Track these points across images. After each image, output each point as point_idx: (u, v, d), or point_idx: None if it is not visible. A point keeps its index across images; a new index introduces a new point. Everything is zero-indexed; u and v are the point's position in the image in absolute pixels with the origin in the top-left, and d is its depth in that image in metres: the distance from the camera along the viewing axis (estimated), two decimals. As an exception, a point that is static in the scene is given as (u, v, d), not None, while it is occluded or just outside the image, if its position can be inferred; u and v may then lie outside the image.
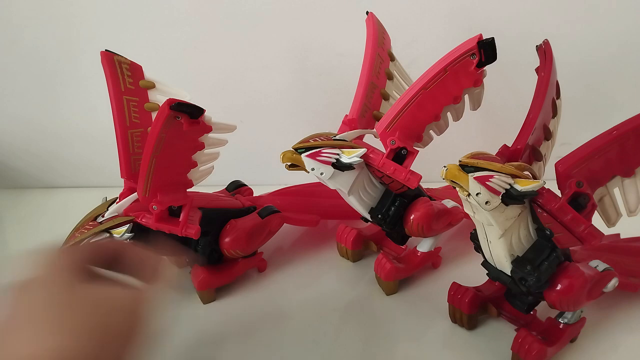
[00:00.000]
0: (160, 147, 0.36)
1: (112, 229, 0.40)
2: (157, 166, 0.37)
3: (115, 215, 0.41)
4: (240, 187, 0.53)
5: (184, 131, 0.36)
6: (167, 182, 0.39)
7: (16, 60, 0.62)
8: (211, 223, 0.44)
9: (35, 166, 0.70)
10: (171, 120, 0.35)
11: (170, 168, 0.39)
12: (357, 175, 0.42)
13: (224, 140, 0.43)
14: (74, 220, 0.42)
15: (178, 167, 0.40)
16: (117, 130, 0.42)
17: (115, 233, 0.40)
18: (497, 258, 0.36)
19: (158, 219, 0.40)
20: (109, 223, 0.40)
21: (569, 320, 0.38)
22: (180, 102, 0.35)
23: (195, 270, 0.46)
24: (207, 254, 0.45)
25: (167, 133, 0.36)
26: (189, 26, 0.58)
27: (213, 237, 0.45)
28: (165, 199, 0.39)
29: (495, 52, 0.35)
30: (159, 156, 0.37)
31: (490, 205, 0.32)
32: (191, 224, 0.41)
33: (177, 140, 0.38)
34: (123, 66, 0.42)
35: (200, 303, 0.46)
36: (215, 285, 0.46)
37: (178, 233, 0.41)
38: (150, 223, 0.40)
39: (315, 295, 0.47)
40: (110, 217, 0.40)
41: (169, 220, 0.41)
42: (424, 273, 0.49)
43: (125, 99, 0.42)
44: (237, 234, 0.45)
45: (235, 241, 0.45)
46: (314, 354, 0.40)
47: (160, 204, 0.39)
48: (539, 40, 0.40)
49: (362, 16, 0.49)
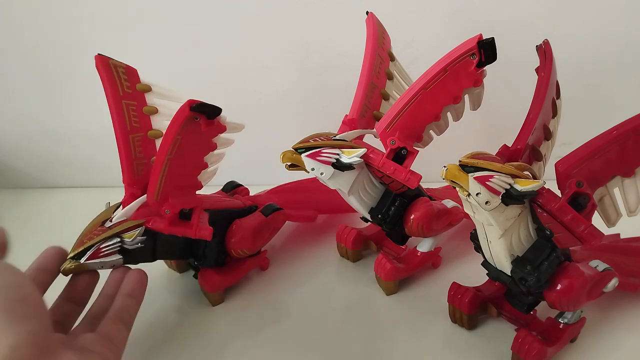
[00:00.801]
0: (175, 149, 0.36)
1: (123, 233, 0.39)
2: (171, 169, 0.37)
3: (123, 220, 0.40)
4: (237, 187, 0.54)
5: (201, 132, 0.36)
6: (178, 185, 0.39)
7: (16, 60, 0.62)
8: (218, 224, 0.43)
9: (35, 166, 0.70)
10: (190, 121, 0.34)
11: (183, 170, 0.39)
12: (357, 175, 0.42)
13: (231, 140, 0.43)
14: (74, 220, 0.42)
15: (191, 169, 0.40)
16: (118, 136, 0.41)
17: (126, 237, 0.39)
18: (497, 258, 0.36)
19: (170, 223, 0.40)
20: (119, 227, 0.39)
21: (569, 320, 0.38)
22: (200, 103, 0.34)
23: (203, 272, 0.45)
24: (214, 256, 0.45)
25: (184, 135, 0.35)
26: (188, 26, 0.58)
27: (219, 238, 0.45)
28: (177, 202, 0.39)
29: (495, 52, 0.35)
30: (172, 158, 0.36)
31: (490, 205, 0.32)
32: (203, 225, 0.41)
33: (193, 142, 0.37)
34: (119, 70, 0.41)
35: (209, 306, 0.46)
36: (225, 286, 0.46)
37: (192, 235, 0.40)
38: (162, 227, 0.40)
39: (315, 295, 0.47)
40: (119, 222, 0.40)
41: (180, 223, 0.40)
42: (424, 273, 0.49)
43: (125, 104, 0.41)
44: (244, 233, 0.45)
45: (242, 240, 0.45)
46: (314, 353, 0.40)
47: (172, 207, 0.39)
48: (539, 40, 0.40)
49: (362, 16, 0.49)
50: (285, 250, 0.54)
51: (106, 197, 0.44)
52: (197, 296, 0.47)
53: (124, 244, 0.39)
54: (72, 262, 0.38)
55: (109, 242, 0.39)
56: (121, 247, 0.39)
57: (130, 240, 0.39)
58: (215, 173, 0.45)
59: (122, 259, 0.39)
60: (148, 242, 0.40)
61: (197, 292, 0.47)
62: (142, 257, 0.41)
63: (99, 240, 0.38)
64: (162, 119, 0.44)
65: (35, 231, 0.61)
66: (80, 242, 0.38)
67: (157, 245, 0.41)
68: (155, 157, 0.37)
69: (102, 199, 0.44)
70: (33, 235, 0.60)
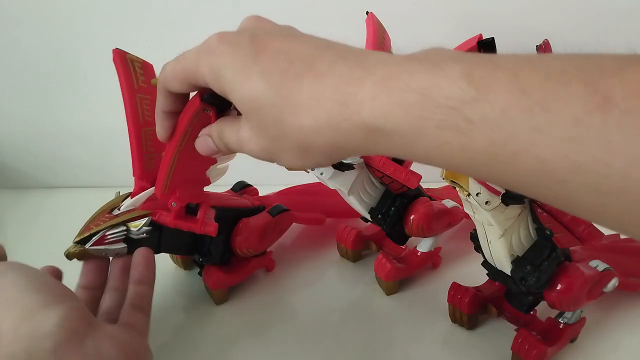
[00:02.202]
0: (185, 142, 0.36)
1: (129, 222, 0.39)
2: (179, 161, 0.36)
3: (131, 209, 0.40)
4: (246, 187, 0.53)
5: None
6: (186, 179, 0.39)
7: (16, 60, 0.62)
8: (224, 222, 0.43)
9: (35, 166, 0.70)
10: (200, 113, 0.34)
11: (192, 164, 0.38)
12: (357, 176, 0.42)
13: None
14: (74, 220, 0.42)
15: (199, 163, 0.40)
16: (131, 129, 0.41)
17: (132, 226, 0.39)
18: (497, 258, 0.36)
19: (176, 216, 0.39)
20: (126, 216, 0.39)
21: (569, 320, 0.38)
22: (212, 94, 0.34)
23: (208, 269, 0.45)
24: (219, 253, 0.45)
25: (194, 127, 0.35)
26: (188, 26, 0.58)
27: (225, 236, 0.45)
28: (185, 195, 0.39)
29: (495, 52, 0.35)
30: (182, 150, 0.36)
31: (490, 205, 0.32)
32: (209, 221, 0.41)
33: None
34: (135, 64, 0.41)
35: (214, 305, 0.46)
36: (229, 284, 0.46)
37: (197, 231, 0.40)
38: (168, 220, 0.39)
39: (316, 295, 0.47)
40: (127, 211, 0.40)
41: (186, 217, 0.40)
42: (424, 273, 0.49)
43: (138, 97, 0.41)
44: (250, 232, 0.45)
45: (248, 240, 0.45)
46: (314, 353, 0.40)
47: (179, 200, 0.38)
48: (539, 40, 0.40)
49: (362, 16, 0.49)
50: (284, 250, 0.54)
51: (106, 197, 0.44)
52: (202, 295, 0.47)
53: (129, 233, 0.39)
54: (76, 247, 0.37)
55: (115, 230, 0.38)
56: (126, 235, 0.39)
57: (136, 230, 0.39)
58: (225, 171, 0.45)
59: (127, 248, 0.39)
60: (153, 233, 0.40)
61: (201, 291, 0.47)
62: None
63: (105, 227, 0.38)
64: (174, 113, 0.43)
65: (35, 231, 0.61)
66: (87, 228, 0.38)
67: (162, 237, 0.41)
68: (165, 149, 0.37)
69: (102, 199, 0.44)
70: (33, 235, 0.60)
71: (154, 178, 0.40)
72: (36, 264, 0.53)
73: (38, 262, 0.55)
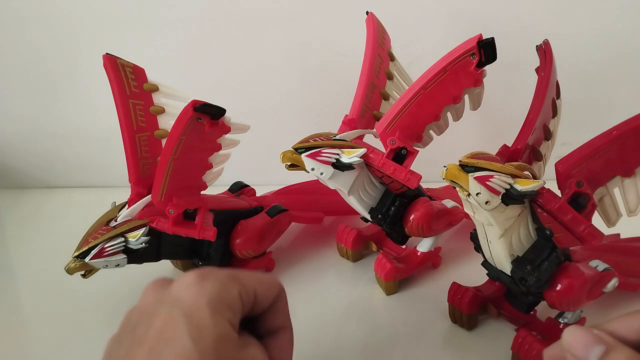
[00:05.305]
0: (179, 150, 0.36)
1: (127, 233, 0.39)
2: (175, 169, 0.37)
3: (128, 220, 0.40)
4: (243, 187, 0.53)
5: (205, 133, 0.36)
6: (183, 185, 0.39)
7: (16, 60, 0.62)
8: (223, 225, 0.43)
9: (35, 166, 0.70)
10: (194, 122, 0.35)
11: (188, 170, 0.39)
12: (357, 175, 0.42)
13: (237, 141, 0.43)
14: (74, 220, 0.42)
15: (195, 170, 0.40)
16: (125, 135, 0.41)
17: (130, 237, 0.39)
18: (497, 258, 0.36)
19: (174, 223, 0.40)
20: (123, 227, 0.39)
21: (569, 320, 0.38)
22: (204, 103, 0.34)
23: None
24: (219, 256, 0.45)
25: (188, 135, 0.35)
26: (188, 26, 0.58)
27: (224, 239, 0.45)
28: (182, 202, 0.39)
29: (495, 52, 0.35)
30: (177, 159, 0.36)
31: (490, 205, 0.32)
32: (207, 226, 0.41)
33: (197, 142, 0.37)
34: (126, 69, 0.41)
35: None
36: None
37: (195, 236, 0.40)
38: (166, 227, 0.40)
39: (315, 295, 0.47)
40: (123, 221, 0.40)
41: (185, 223, 0.40)
42: (424, 273, 0.49)
43: (131, 103, 0.41)
44: (249, 234, 0.45)
45: (247, 241, 0.45)
46: (314, 353, 0.40)
47: (176, 207, 0.39)
48: (539, 40, 0.40)
49: (362, 16, 0.49)
50: (284, 250, 0.54)
51: (106, 196, 0.44)
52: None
53: (128, 244, 0.39)
54: (76, 261, 0.38)
55: (113, 242, 0.39)
56: (125, 246, 0.39)
57: (134, 240, 0.39)
58: (220, 174, 0.45)
59: (126, 259, 0.40)
60: (152, 242, 0.40)
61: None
62: (147, 257, 0.41)
63: (103, 240, 0.38)
64: (168, 118, 0.44)
65: (35, 231, 0.61)
66: (85, 241, 0.39)
67: (161, 245, 0.41)
68: (160, 157, 0.37)
69: (101, 198, 0.44)
70: (33, 235, 0.60)
71: (150, 183, 0.40)
72: (36, 263, 0.53)
73: (38, 261, 0.55)
